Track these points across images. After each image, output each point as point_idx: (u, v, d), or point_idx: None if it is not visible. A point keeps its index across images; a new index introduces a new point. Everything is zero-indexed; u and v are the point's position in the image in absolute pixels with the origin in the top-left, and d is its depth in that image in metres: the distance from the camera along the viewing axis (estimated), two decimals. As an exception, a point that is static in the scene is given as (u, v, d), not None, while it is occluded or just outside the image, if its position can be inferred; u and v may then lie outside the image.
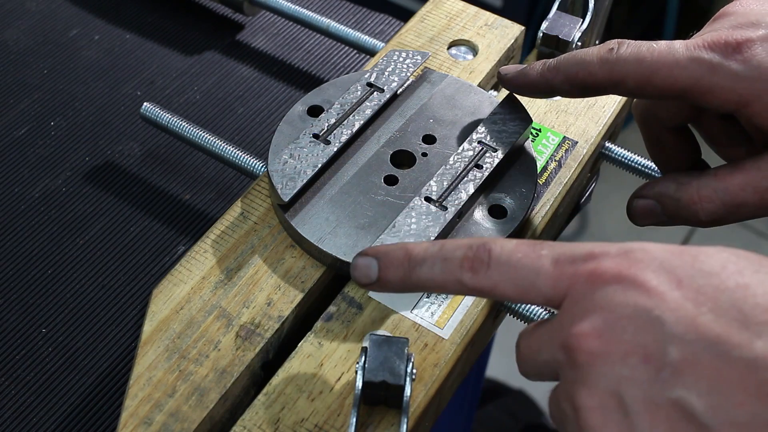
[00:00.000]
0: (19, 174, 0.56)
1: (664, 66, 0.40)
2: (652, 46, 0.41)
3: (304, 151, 0.47)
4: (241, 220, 0.47)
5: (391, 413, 0.39)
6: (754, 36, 0.40)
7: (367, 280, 0.38)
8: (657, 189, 0.45)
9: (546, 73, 0.44)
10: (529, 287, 0.33)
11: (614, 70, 0.42)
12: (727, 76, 0.39)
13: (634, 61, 0.41)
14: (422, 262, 0.36)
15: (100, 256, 0.52)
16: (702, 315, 0.29)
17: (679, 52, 0.40)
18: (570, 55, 0.44)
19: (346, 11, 0.68)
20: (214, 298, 0.43)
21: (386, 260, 0.37)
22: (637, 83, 0.41)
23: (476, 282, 0.35)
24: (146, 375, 0.41)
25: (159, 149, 0.58)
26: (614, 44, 0.42)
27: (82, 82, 0.62)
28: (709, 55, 0.40)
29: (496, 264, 0.34)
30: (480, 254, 0.35)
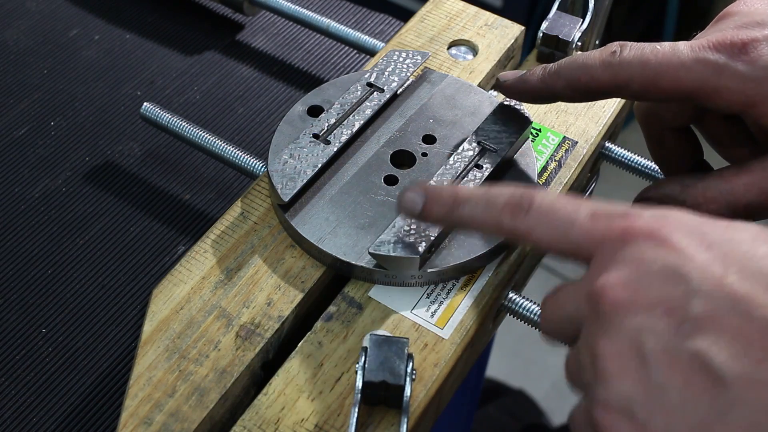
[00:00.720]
0: (19, 174, 0.56)
1: (669, 68, 0.40)
2: (655, 48, 0.41)
3: (304, 151, 0.47)
4: (241, 220, 0.47)
5: (391, 413, 0.39)
6: (759, 36, 0.39)
7: (411, 212, 0.41)
8: (661, 191, 0.45)
9: (547, 79, 0.44)
10: (562, 236, 0.34)
11: (618, 74, 0.41)
12: (734, 77, 0.39)
13: (638, 64, 0.41)
14: (466, 202, 0.38)
15: (100, 256, 0.52)
16: (728, 276, 0.30)
17: (684, 53, 0.40)
18: (571, 59, 0.43)
19: (346, 11, 0.68)
20: (214, 298, 0.43)
21: (433, 196, 0.40)
22: (642, 86, 0.41)
23: (514, 225, 0.36)
24: (146, 375, 0.41)
25: (159, 149, 0.58)
26: (616, 47, 0.42)
27: (82, 82, 0.62)
28: (714, 56, 0.39)
29: (535, 210, 0.35)
30: (522, 200, 0.36)
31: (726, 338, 0.29)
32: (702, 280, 0.30)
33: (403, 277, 0.44)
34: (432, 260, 0.44)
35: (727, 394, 0.28)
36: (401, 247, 0.43)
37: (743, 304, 0.29)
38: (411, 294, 0.44)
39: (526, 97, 0.46)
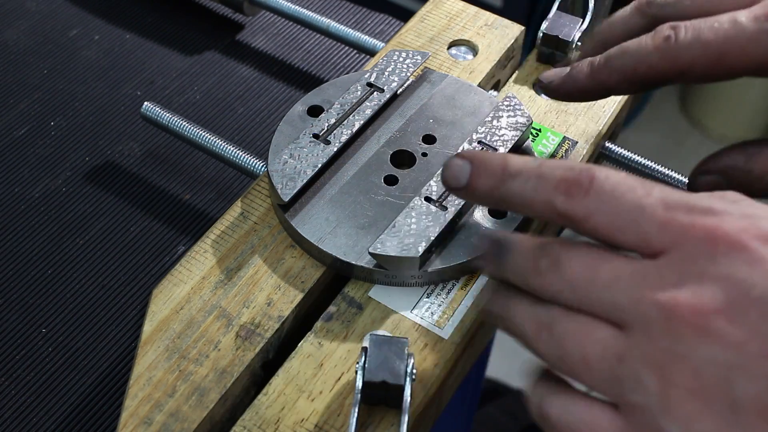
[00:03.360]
0: (19, 174, 0.56)
1: (735, 46, 0.36)
2: (713, 25, 0.37)
3: (304, 151, 0.47)
4: (241, 220, 0.47)
5: (391, 413, 0.39)
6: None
7: (456, 183, 0.36)
8: (723, 162, 0.40)
9: (598, 75, 0.40)
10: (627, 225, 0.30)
11: (678, 60, 0.37)
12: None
13: (699, 46, 0.37)
14: (517, 175, 0.33)
15: (100, 256, 0.52)
16: None
17: (748, 27, 0.36)
18: (619, 50, 0.40)
19: (346, 11, 0.68)
20: (214, 298, 0.43)
21: (480, 166, 0.35)
22: (706, 68, 0.37)
23: (569, 207, 0.31)
24: (146, 375, 0.41)
25: (159, 149, 0.58)
26: (669, 30, 0.38)
27: (82, 82, 0.62)
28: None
29: (597, 192, 0.31)
30: (581, 178, 0.31)
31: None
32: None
33: (403, 277, 0.44)
34: (432, 260, 0.44)
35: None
36: (401, 247, 0.43)
37: None
38: (411, 294, 0.44)
39: (575, 96, 0.42)
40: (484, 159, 0.36)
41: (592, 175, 0.31)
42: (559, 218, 0.32)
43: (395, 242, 0.43)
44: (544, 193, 0.32)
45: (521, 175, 0.33)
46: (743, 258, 0.27)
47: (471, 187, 0.36)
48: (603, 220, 0.30)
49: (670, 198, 0.30)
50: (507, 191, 0.34)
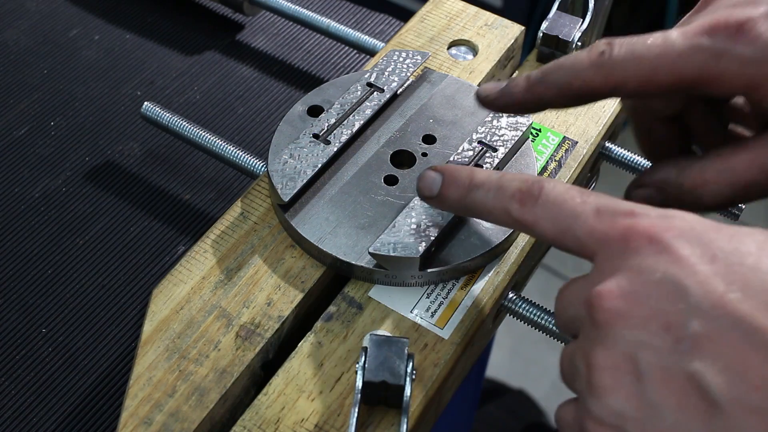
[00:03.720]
0: (19, 174, 0.56)
1: (665, 61, 0.38)
2: (646, 41, 0.38)
3: (304, 151, 0.47)
4: (241, 220, 0.47)
5: (391, 413, 0.39)
6: (755, 14, 0.37)
7: (429, 193, 0.41)
8: (657, 176, 0.43)
9: (533, 88, 0.41)
10: (566, 229, 0.34)
11: (612, 75, 0.39)
12: (734, 60, 0.37)
13: (631, 61, 0.38)
14: (480, 187, 0.38)
15: (100, 256, 0.52)
16: (731, 293, 0.28)
17: (678, 42, 0.38)
18: (555, 64, 0.41)
19: (346, 11, 0.68)
20: (214, 298, 0.43)
21: (450, 178, 0.40)
22: (639, 84, 0.39)
23: (521, 214, 0.36)
24: (146, 375, 0.41)
25: (159, 149, 0.58)
26: (604, 46, 0.39)
27: (82, 82, 0.62)
28: (710, 41, 0.37)
29: (543, 201, 0.35)
30: (532, 188, 0.36)
31: (724, 362, 0.28)
32: (702, 295, 0.29)
33: (403, 277, 0.44)
34: (432, 260, 0.44)
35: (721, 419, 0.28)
36: (401, 247, 0.43)
37: (743, 325, 0.28)
38: (411, 294, 0.44)
39: (512, 109, 0.43)
40: (453, 172, 0.40)
41: (541, 186, 0.35)
42: (515, 224, 0.37)
43: (395, 242, 0.43)
44: (502, 202, 0.37)
45: (483, 187, 0.38)
46: (652, 250, 0.30)
47: (442, 196, 0.41)
48: (548, 226, 0.35)
49: (601, 204, 0.33)
50: (472, 201, 0.39)
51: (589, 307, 0.31)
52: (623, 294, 0.30)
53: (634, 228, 0.31)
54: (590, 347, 0.31)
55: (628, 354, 0.30)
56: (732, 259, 0.29)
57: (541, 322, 0.44)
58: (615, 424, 0.30)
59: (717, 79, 0.37)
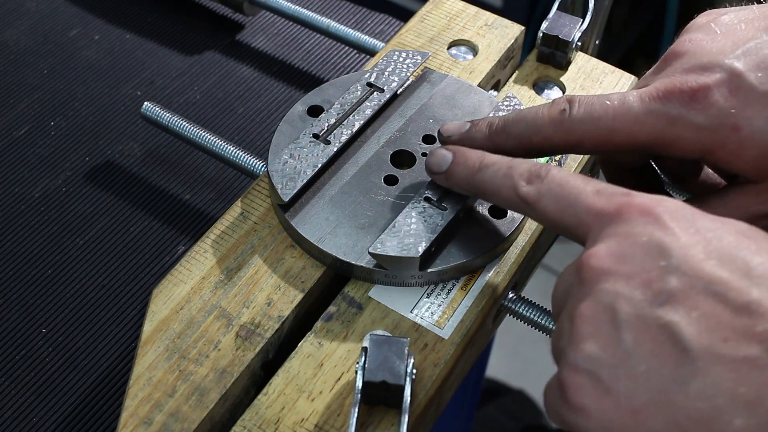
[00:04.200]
0: (19, 174, 0.56)
1: (622, 124, 0.39)
2: (605, 102, 0.40)
3: (304, 151, 0.47)
4: (241, 220, 0.47)
5: (391, 413, 0.39)
6: (709, 81, 0.38)
7: (438, 169, 0.43)
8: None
9: (495, 138, 0.43)
10: (566, 207, 0.36)
11: (570, 134, 0.41)
12: (688, 127, 0.39)
13: (589, 121, 0.40)
14: (490, 166, 0.40)
15: (100, 256, 0.52)
16: (709, 260, 0.31)
17: (635, 106, 0.39)
18: (517, 117, 0.42)
19: (346, 11, 0.68)
20: (214, 298, 0.43)
21: (461, 158, 0.42)
22: (596, 144, 0.41)
23: (527, 191, 0.38)
24: (146, 375, 0.41)
25: (159, 149, 0.58)
26: (564, 105, 0.41)
27: (82, 82, 0.62)
28: (665, 107, 0.39)
29: (549, 180, 0.37)
30: (540, 170, 0.38)
31: (696, 314, 0.30)
32: (683, 258, 0.31)
33: (403, 277, 0.44)
34: (432, 260, 0.44)
35: (690, 364, 0.29)
36: (401, 247, 0.43)
37: (718, 286, 0.30)
38: (411, 294, 0.44)
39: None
40: (465, 152, 0.42)
41: (549, 168, 0.38)
42: (519, 201, 0.38)
43: (395, 242, 0.43)
44: (511, 180, 0.39)
45: (495, 166, 0.40)
46: (643, 219, 0.33)
47: (450, 173, 0.42)
48: (551, 204, 0.37)
49: (601, 186, 0.35)
50: (481, 179, 0.41)
51: (578, 269, 0.33)
52: (610, 254, 0.32)
53: (629, 203, 0.34)
54: (575, 303, 0.33)
55: (608, 304, 0.31)
56: (713, 235, 0.32)
57: (541, 322, 0.44)
58: (590, 369, 0.31)
59: (672, 144, 0.40)
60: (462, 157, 0.42)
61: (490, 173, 0.40)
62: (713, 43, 0.40)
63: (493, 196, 0.40)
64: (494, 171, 0.40)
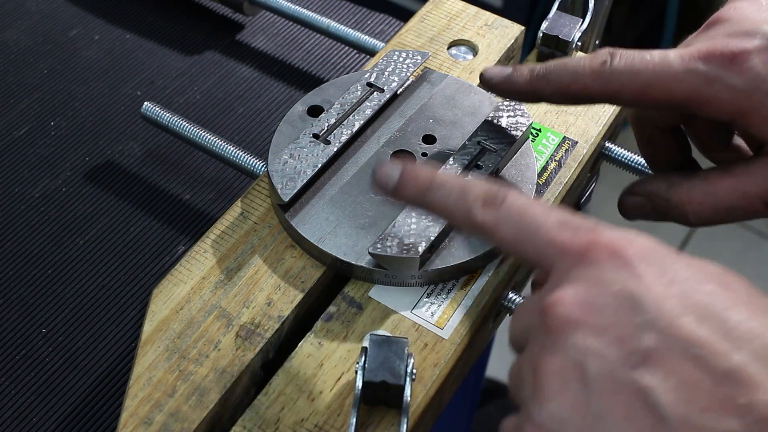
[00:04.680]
0: (19, 174, 0.56)
1: (661, 79, 0.40)
2: (645, 57, 0.40)
3: (304, 151, 0.47)
4: (241, 220, 0.47)
5: (391, 413, 0.39)
6: (750, 47, 0.39)
7: (384, 185, 0.40)
8: (648, 187, 0.45)
9: (535, 82, 0.43)
10: (526, 237, 0.34)
11: (609, 84, 0.41)
12: (725, 88, 0.39)
13: (629, 74, 0.40)
14: (442, 186, 0.38)
15: (100, 256, 0.52)
16: (685, 316, 0.29)
17: (675, 63, 0.40)
18: (560, 64, 0.43)
19: (346, 11, 0.68)
20: (214, 298, 0.43)
21: (410, 174, 0.39)
22: (633, 96, 0.41)
23: (483, 216, 0.35)
24: (146, 375, 0.41)
25: (159, 149, 0.58)
26: (606, 56, 0.41)
27: (82, 82, 0.62)
28: (705, 67, 0.39)
29: (507, 206, 0.35)
30: (497, 194, 0.36)
31: (675, 380, 0.28)
32: (658, 313, 0.29)
33: (403, 277, 0.44)
34: (432, 260, 0.44)
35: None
36: (401, 247, 0.43)
37: (697, 348, 0.28)
38: (411, 294, 0.44)
39: (511, 96, 0.45)
40: (413, 169, 0.39)
41: (506, 193, 0.35)
42: (475, 227, 0.36)
43: (395, 242, 0.43)
44: (466, 203, 0.36)
45: (446, 186, 0.38)
46: (612, 263, 0.31)
47: (398, 190, 0.39)
48: (509, 232, 0.35)
49: (564, 218, 0.33)
50: (433, 198, 0.38)
51: (542, 314, 0.31)
52: (579, 302, 0.30)
53: (596, 241, 0.32)
54: (540, 353, 0.31)
55: (578, 361, 0.29)
56: (688, 285, 0.30)
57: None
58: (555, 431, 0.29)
59: (707, 103, 0.40)
60: (411, 174, 0.39)
61: (442, 194, 0.37)
62: (758, 12, 0.41)
63: (447, 218, 0.38)
64: (446, 192, 0.37)
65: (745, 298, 0.30)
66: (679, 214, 0.44)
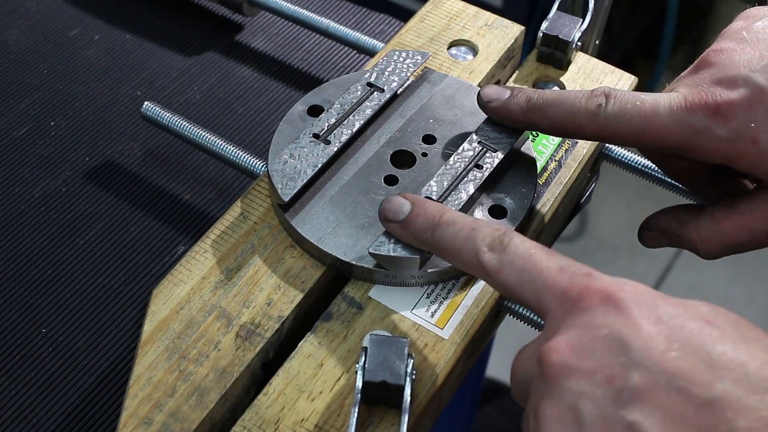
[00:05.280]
0: (19, 174, 0.56)
1: (650, 128, 0.42)
2: (636, 104, 0.42)
3: (304, 151, 0.47)
4: (241, 220, 0.47)
5: (391, 413, 0.39)
6: (733, 97, 0.41)
7: (393, 217, 0.41)
8: (661, 224, 0.48)
9: (531, 114, 0.45)
10: (527, 282, 0.35)
11: (603, 128, 0.43)
12: (710, 138, 0.41)
13: (622, 120, 0.42)
14: (452, 224, 0.39)
15: (100, 256, 0.52)
16: (671, 351, 0.30)
17: (664, 114, 0.41)
18: (557, 100, 0.44)
19: (346, 11, 0.68)
20: (214, 298, 0.43)
21: (420, 208, 0.41)
22: (625, 140, 0.43)
23: (488, 259, 0.37)
24: (146, 375, 0.41)
25: (159, 149, 0.58)
26: (602, 98, 0.43)
27: (82, 82, 0.62)
28: (691, 119, 0.41)
29: (512, 251, 0.36)
30: (503, 238, 0.37)
31: (660, 413, 0.29)
32: (644, 352, 0.30)
33: (403, 277, 0.44)
34: (432, 260, 0.44)
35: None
36: (401, 247, 0.43)
37: (681, 380, 0.29)
38: (411, 294, 0.44)
39: (505, 121, 0.47)
40: (423, 203, 0.41)
41: (511, 237, 0.37)
42: (479, 268, 0.37)
43: (395, 242, 0.43)
44: (472, 243, 0.38)
45: (456, 225, 0.39)
46: (604, 308, 0.32)
47: (407, 224, 0.41)
48: (511, 276, 0.36)
49: (564, 264, 0.35)
50: (441, 235, 0.39)
51: (539, 363, 0.33)
52: (571, 348, 0.32)
53: (590, 287, 0.33)
54: (539, 400, 0.32)
55: (572, 404, 0.31)
56: (675, 323, 0.31)
57: (541, 322, 0.44)
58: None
59: (695, 150, 0.42)
60: (421, 209, 0.41)
61: (451, 232, 0.39)
62: (742, 54, 0.42)
63: (452, 257, 0.39)
64: (455, 231, 0.39)
65: (730, 333, 0.31)
66: (692, 248, 0.46)
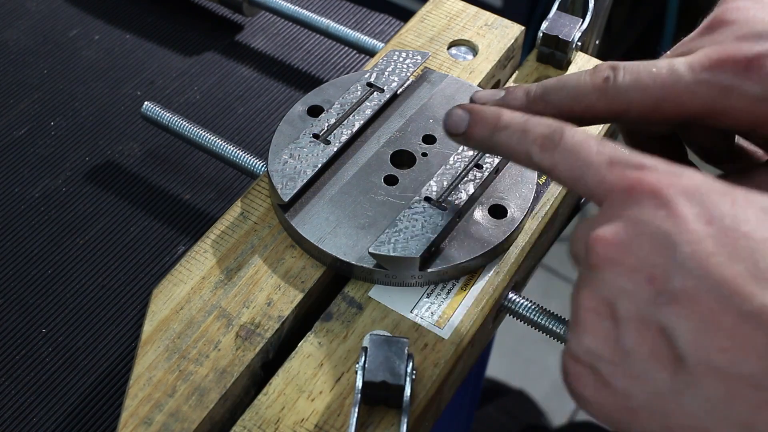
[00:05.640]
0: (19, 174, 0.56)
1: (671, 93, 0.37)
2: (651, 70, 0.38)
3: (304, 151, 0.47)
4: (241, 220, 0.47)
5: (391, 413, 0.39)
6: (764, 50, 0.36)
7: (456, 130, 0.40)
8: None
9: (533, 105, 0.41)
10: (579, 177, 0.34)
11: (615, 102, 0.38)
12: (743, 98, 0.36)
13: (636, 90, 0.38)
14: (506, 128, 0.38)
15: (100, 256, 0.52)
16: (717, 255, 0.29)
17: (685, 75, 0.37)
18: (558, 83, 0.40)
19: (346, 11, 0.68)
20: (214, 298, 0.43)
21: (477, 117, 0.40)
22: (642, 113, 0.38)
23: (541, 158, 0.36)
24: (146, 375, 0.41)
25: (159, 149, 0.58)
26: (608, 71, 0.39)
27: (82, 82, 0.62)
28: (719, 77, 0.37)
29: (562, 148, 0.35)
30: (554, 135, 0.36)
31: (696, 320, 0.28)
32: (690, 254, 0.29)
33: (403, 277, 0.44)
34: (432, 260, 0.44)
35: (685, 374, 0.29)
36: (401, 247, 0.43)
37: (723, 288, 0.28)
38: (411, 294, 0.44)
39: None
40: (481, 111, 0.40)
41: (563, 132, 0.35)
42: (534, 167, 0.37)
43: (395, 242, 0.43)
44: (525, 145, 0.37)
45: (509, 128, 0.38)
46: (653, 203, 0.31)
47: (468, 134, 0.40)
48: (564, 172, 0.35)
49: (614, 155, 0.33)
50: (498, 140, 0.38)
51: (586, 249, 0.32)
52: (616, 242, 0.31)
53: (641, 180, 0.32)
54: (581, 286, 0.32)
55: (611, 299, 0.31)
56: (727, 224, 0.29)
57: (541, 322, 0.44)
58: (589, 362, 0.31)
59: (723, 115, 0.37)
60: (479, 116, 0.39)
61: (505, 137, 0.38)
62: (763, 11, 0.38)
63: (511, 158, 0.38)
64: (509, 134, 0.37)
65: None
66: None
